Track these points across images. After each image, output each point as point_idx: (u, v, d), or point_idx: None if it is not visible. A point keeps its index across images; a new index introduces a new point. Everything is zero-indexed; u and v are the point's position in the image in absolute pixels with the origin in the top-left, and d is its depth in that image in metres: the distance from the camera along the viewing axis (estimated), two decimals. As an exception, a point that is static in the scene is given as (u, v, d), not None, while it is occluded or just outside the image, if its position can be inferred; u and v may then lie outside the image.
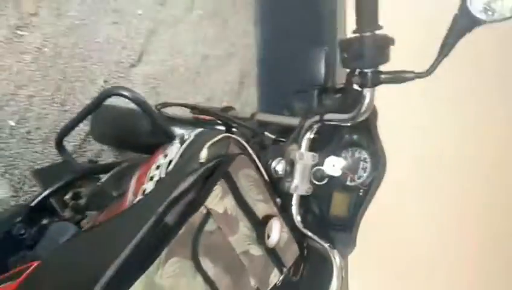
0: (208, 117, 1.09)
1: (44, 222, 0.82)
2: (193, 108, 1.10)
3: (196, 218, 0.53)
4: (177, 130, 1.06)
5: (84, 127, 1.32)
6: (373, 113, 0.70)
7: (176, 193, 0.53)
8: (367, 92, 0.61)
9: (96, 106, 0.87)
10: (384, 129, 0.76)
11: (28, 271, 0.56)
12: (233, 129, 1.00)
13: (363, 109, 0.62)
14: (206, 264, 0.53)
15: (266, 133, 0.86)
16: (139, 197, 0.58)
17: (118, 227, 0.53)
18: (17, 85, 1.21)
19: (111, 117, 1.13)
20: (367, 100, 0.62)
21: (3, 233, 0.75)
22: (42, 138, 1.24)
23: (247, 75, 2.12)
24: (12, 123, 1.18)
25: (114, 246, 0.49)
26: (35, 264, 0.57)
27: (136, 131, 1.12)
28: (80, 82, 1.38)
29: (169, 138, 0.92)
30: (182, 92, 1.79)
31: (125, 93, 0.83)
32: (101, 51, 1.45)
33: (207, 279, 0.53)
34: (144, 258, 0.48)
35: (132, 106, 1.20)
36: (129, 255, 0.48)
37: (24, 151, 1.20)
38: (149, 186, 0.58)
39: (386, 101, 0.73)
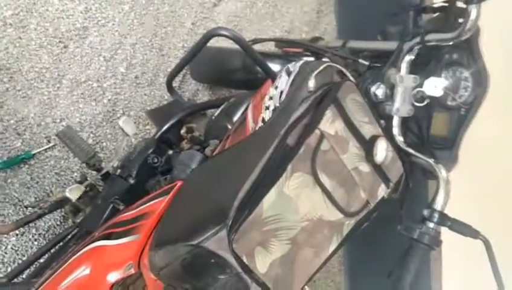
0: (296, 50, 1.13)
1: (170, 152, 0.96)
2: (283, 42, 1.15)
3: (312, 139, 0.60)
4: (269, 64, 1.12)
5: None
6: (476, 30, 0.69)
7: (293, 118, 0.61)
8: (473, 8, 0.61)
9: (200, 48, 0.96)
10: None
11: (176, 187, 0.69)
12: (325, 59, 1.03)
13: (468, 26, 0.62)
14: (324, 178, 0.61)
15: (360, 60, 0.89)
16: (260, 124, 0.66)
17: (247, 148, 0.63)
18: (121, 34, 1.34)
19: (208, 57, 1.22)
20: (473, 17, 0.61)
21: (141, 162, 0.91)
22: (148, 81, 1.38)
23: (325, 2, 2.06)
24: (122, 70, 1.33)
25: (248, 164, 0.58)
26: (180, 183, 0.70)
27: (231, 68, 1.21)
28: (171, 26, 1.47)
29: (266, 72, 0.99)
30: (262, 27, 1.81)
31: (226, 33, 0.90)
32: (186, -7, 1.52)
33: (325, 190, 0.62)
34: (273, 172, 0.58)
35: (224, 45, 1.27)
36: (262, 170, 0.57)
37: (135, 94, 1.35)
38: (266, 114, 0.66)
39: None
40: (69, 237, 0.96)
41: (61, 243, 0.97)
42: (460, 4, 0.64)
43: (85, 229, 0.88)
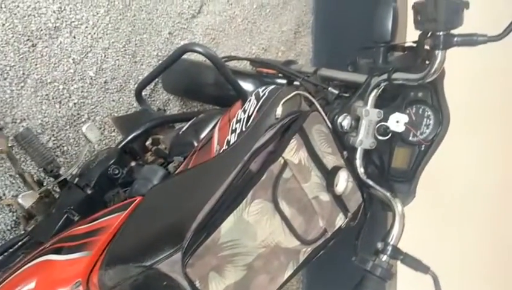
0: (270, 71, 1.14)
1: (132, 164, 0.93)
2: (257, 62, 1.16)
3: (275, 167, 0.61)
4: (241, 83, 1.12)
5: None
6: (441, 73, 0.72)
7: (258, 145, 0.61)
8: (438, 53, 0.63)
9: (173, 61, 0.95)
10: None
11: (134, 204, 0.67)
12: (296, 83, 1.05)
13: (433, 70, 0.65)
14: (283, 206, 0.62)
15: (330, 88, 0.90)
16: (224, 147, 0.66)
17: (210, 171, 0.63)
18: (94, 38, 1.31)
19: (181, 69, 1.21)
20: (437, 61, 0.64)
21: (101, 172, 0.88)
22: (117, 87, 1.35)
23: (303, 23, 2.11)
24: (91, 74, 1.30)
25: (209, 187, 0.58)
26: (139, 198, 0.69)
27: (203, 83, 1.21)
28: (147, 34, 1.46)
29: (237, 91, 0.99)
30: (239, 43, 1.83)
31: (200, 49, 0.90)
32: (165, 2, 1.51)
33: (284, 218, 0.62)
34: (234, 197, 0.57)
35: (200, 59, 1.27)
36: (222, 194, 0.57)
37: (103, 99, 1.32)
38: (232, 137, 0.66)
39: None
40: (19, 244, 0.91)
41: (10, 250, 0.92)
42: (427, 46, 0.67)
43: (35, 239, 0.84)
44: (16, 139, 0.95)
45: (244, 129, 0.66)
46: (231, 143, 0.65)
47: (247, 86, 1.12)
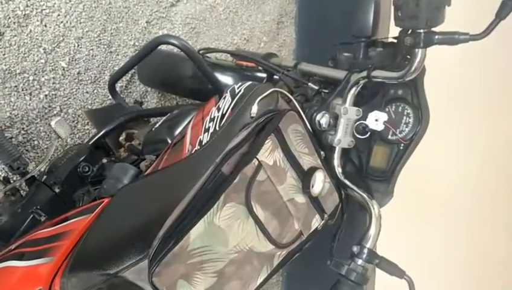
0: (250, 64, 1.11)
1: (104, 161, 0.90)
2: (236, 55, 1.12)
3: (249, 169, 0.58)
4: (220, 76, 1.09)
5: (129, 68, 1.36)
6: (421, 70, 0.70)
7: (231, 146, 0.58)
8: (418, 51, 0.61)
9: (147, 54, 0.91)
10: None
11: (100, 206, 0.64)
12: (275, 77, 1.02)
13: (413, 68, 0.63)
14: (257, 209, 0.59)
15: (310, 84, 0.88)
16: (196, 147, 0.63)
17: (180, 173, 0.60)
18: (67, 26, 1.25)
19: (157, 61, 1.17)
20: (417, 60, 0.62)
21: (70, 169, 0.84)
22: (92, 78, 1.30)
23: (286, 13, 2.07)
24: (64, 64, 1.24)
25: (178, 190, 0.55)
26: (106, 200, 0.65)
27: (180, 75, 1.17)
28: (123, 23, 1.40)
29: (214, 85, 0.96)
30: (221, 33, 1.78)
31: (175, 41, 0.86)
32: (142, -10, 1.45)
33: (257, 221, 0.60)
34: (204, 202, 0.55)
35: (177, 51, 1.22)
36: (192, 199, 0.54)
37: (76, 91, 1.27)
38: (205, 137, 0.63)
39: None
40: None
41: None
42: (407, 44, 0.64)
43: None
44: (-21, 135, 0.90)
45: (217, 128, 0.63)
46: (203, 143, 0.62)
47: (226, 79, 1.08)
